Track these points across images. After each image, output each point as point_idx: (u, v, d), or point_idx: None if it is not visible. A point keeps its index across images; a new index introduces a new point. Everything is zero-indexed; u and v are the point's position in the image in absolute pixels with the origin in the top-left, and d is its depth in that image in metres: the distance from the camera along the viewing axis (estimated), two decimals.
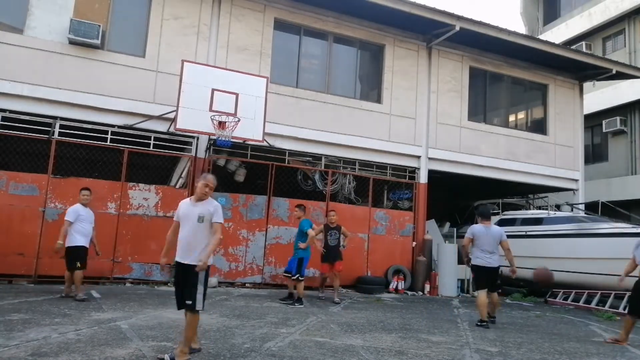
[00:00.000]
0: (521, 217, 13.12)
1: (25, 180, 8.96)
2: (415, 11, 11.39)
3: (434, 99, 12.84)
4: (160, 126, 9.97)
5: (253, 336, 5.43)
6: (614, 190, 17.08)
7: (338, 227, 9.15)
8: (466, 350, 5.47)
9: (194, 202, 4.44)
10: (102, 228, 9.29)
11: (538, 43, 13.24)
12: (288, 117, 11.04)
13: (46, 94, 9.26)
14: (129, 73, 9.92)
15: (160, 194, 9.88)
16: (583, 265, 10.55)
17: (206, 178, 4.44)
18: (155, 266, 9.59)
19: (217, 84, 9.66)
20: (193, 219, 4.34)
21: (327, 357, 4.69)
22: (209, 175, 4.48)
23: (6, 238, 8.55)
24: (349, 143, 11.67)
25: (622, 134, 18.09)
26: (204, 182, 4.40)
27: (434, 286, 11.52)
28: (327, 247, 9.02)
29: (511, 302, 10.99)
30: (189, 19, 10.53)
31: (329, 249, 8.99)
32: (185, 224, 4.39)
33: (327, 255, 9.00)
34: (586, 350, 5.85)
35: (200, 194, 4.40)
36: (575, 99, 15.03)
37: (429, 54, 12.96)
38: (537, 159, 13.99)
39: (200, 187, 4.40)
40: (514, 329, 7.22)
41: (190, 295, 4.20)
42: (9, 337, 4.69)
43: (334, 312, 7.68)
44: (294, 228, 9.82)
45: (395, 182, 12.51)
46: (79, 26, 9.36)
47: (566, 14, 21.41)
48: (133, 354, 4.34)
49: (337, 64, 12.33)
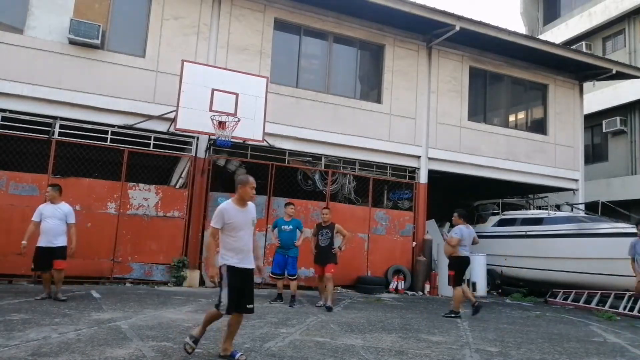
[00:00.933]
0: (521, 217, 13.12)
1: (25, 180, 8.96)
2: (415, 11, 11.39)
3: (434, 99, 12.84)
4: (160, 126, 9.97)
5: (253, 336, 5.42)
6: (614, 190, 17.07)
7: (331, 226, 8.39)
8: (466, 350, 5.47)
9: (240, 206, 4.40)
10: (102, 228, 9.34)
11: (538, 43, 13.24)
12: (288, 117, 11.04)
13: (46, 94, 9.26)
14: (129, 73, 9.93)
15: (160, 194, 9.88)
16: (583, 265, 10.56)
17: (250, 180, 4.40)
18: (155, 266, 9.59)
19: (217, 84, 9.66)
20: (248, 224, 4.41)
21: (327, 357, 4.69)
22: (251, 177, 4.43)
23: (6, 238, 8.54)
24: (349, 143, 11.67)
25: (622, 134, 18.09)
26: (252, 185, 4.39)
27: (434, 286, 11.52)
28: (318, 247, 8.36)
29: (511, 302, 10.98)
30: (189, 19, 10.53)
31: (319, 250, 8.34)
32: (239, 229, 4.35)
33: (317, 257, 8.37)
34: (586, 350, 5.85)
35: (249, 197, 4.41)
36: (575, 99, 15.04)
37: (429, 54, 12.96)
38: (537, 159, 13.99)
39: (249, 191, 4.37)
40: (514, 329, 7.22)
41: (252, 299, 4.37)
42: (9, 337, 4.68)
43: (334, 312, 7.68)
44: None
45: (395, 182, 12.51)
46: (79, 26, 9.36)
47: (566, 14, 21.41)
48: (133, 354, 4.34)
49: (337, 64, 12.33)
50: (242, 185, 4.39)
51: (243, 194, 4.38)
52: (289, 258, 8.28)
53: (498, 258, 12.65)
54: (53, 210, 7.12)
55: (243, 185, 4.38)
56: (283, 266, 8.28)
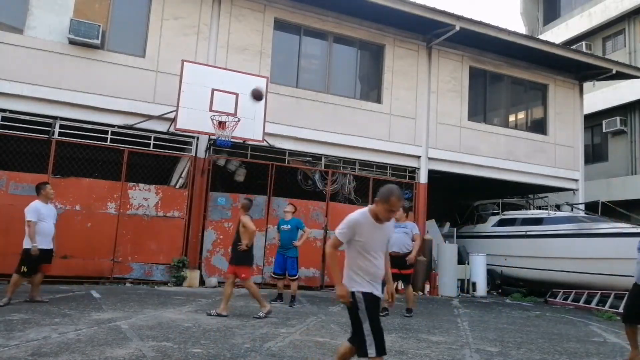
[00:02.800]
0: (521, 217, 13.13)
1: (25, 180, 8.96)
2: (415, 11, 11.39)
3: (434, 99, 12.84)
4: (160, 126, 9.97)
5: (253, 336, 5.42)
6: (614, 190, 17.07)
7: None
8: (466, 350, 5.47)
9: (377, 221, 3.41)
10: (102, 228, 9.34)
11: (538, 43, 13.24)
12: (288, 117, 11.04)
13: (46, 94, 9.26)
14: (129, 73, 9.92)
15: (160, 194, 9.88)
16: (583, 265, 10.56)
17: (392, 199, 3.31)
18: (155, 266, 9.59)
19: (217, 84, 9.66)
20: (384, 243, 3.54)
21: (327, 357, 4.69)
22: (395, 194, 3.32)
23: (6, 238, 8.54)
24: (349, 143, 11.67)
25: (622, 134, 18.09)
26: (391, 207, 3.34)
27: (434, 286, 11.52)
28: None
29: (511, 302, 10.99)
30: (189, 19, 10.53)
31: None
32: (373, 249, 3.44)
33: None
34: (586, 350, 5.85)
35: (384, 218, 3.41)
36: (575, 99, 15.04)
37: (429, 54, 12.96)
38: (537, 159, 13.99)
39: (385, 212, 3.36)
40: (514, 329, 7.22)
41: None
42: (9, 337, 4.69)
43: (334, 312, 7.68)
44: None
45: (395, 182, 12.50)
46: (79, 26, 9.36)
47: (566, 14, 21.41)
48: (133, 354, 4.34)
49: (337, 64, 12.33)
50: (381, 202, 3.35)
51: (377, 211, 3.38)
52: (288, 259, 8.22)
53: (498, 258, 12.66)
54: (48, 211, 6.95)
55: (381, 203, 3.34)
56: (283, 266, 8.24)
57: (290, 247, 8.23)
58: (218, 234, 10.20)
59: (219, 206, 10.26)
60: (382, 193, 3.37)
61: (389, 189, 3.38)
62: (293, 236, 8.26)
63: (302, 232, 8.38)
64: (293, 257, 8.25)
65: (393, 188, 3.37)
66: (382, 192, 3.38)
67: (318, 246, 10.88)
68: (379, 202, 3.36)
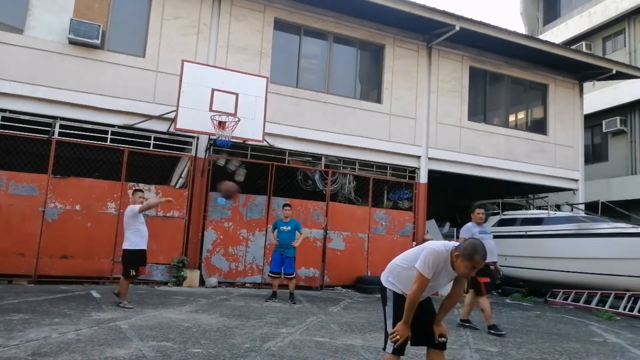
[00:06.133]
0: (521, 217, 13.12)
1: (25, 180, 8.96)
2: (415, 11, 11.38)
3: (434, 99, 12.84)
4: (160, 126, 9.97)
5: (253, 336, 5.42)
6: (614, 190, 17.07)
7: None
8: (466, 350, 5.47)
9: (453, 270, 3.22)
10: (102, 228, 9.34)
11: (538, 43, 13.24)
12: (288, 117, 11.04)
13: (46, 94, 9.26)
14: (129, 73, 9.92)
15: (160, 194, 9.87)
16: (583, 265, 10.56)
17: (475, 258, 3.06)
18: (155, 266, 9.58)
19: (217, 84, 9.65)
20: (445, 284, 3.43)
21: (327, 357, 4.69)
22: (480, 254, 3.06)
23: (6, 238, 8.55)
24: (349, 143, 11.67)
25: (622, 134, 18.09)
26: (474, 265, 3.09)
27: None
28: None
29: (511, 302, 10.99)
30: (189, 19, 10.53)
31: None
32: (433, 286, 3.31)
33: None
34: (586, 350, 5.85)
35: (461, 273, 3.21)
36: (575, 99, 15.04)
37: (429, 54, 12.96)
38: (537, 159, 13.99)
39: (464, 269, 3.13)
40: (514, 329, 7.23)
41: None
42: (9, 337, 4.68)
43: (334, 312, 7.68)
44: None
45: (395, 182, 12.51)
46: (79, 26, 9.36)
47: (566, 14, 21.41)
48: (133, 354, 4.34)
49: (337, 64, 12.33)
50: (463, 258, 3.09)
51: (457, 266, 3.15)
52: (287, 258, 8.42)
53: (498, 258, 12.63)
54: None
55: (463, 259, 3.09)
56: (280, 265, 8.42)
57: (290, 248, 8.41)
58: (218, 234, 10.21)
59: (219, 206, 10.27)
60: (466, 249, 3.09)
61: (474, 246, 3.09)
62: (292, 237, 8.47)
63: (300, 233, 8.59)
64: (292, 257, 8.46)
65: (478, 246, 3.09)
66: (466, 248, 3.10)
67: (318, 246, 10.89)
68: (461, 257, 3.10)
